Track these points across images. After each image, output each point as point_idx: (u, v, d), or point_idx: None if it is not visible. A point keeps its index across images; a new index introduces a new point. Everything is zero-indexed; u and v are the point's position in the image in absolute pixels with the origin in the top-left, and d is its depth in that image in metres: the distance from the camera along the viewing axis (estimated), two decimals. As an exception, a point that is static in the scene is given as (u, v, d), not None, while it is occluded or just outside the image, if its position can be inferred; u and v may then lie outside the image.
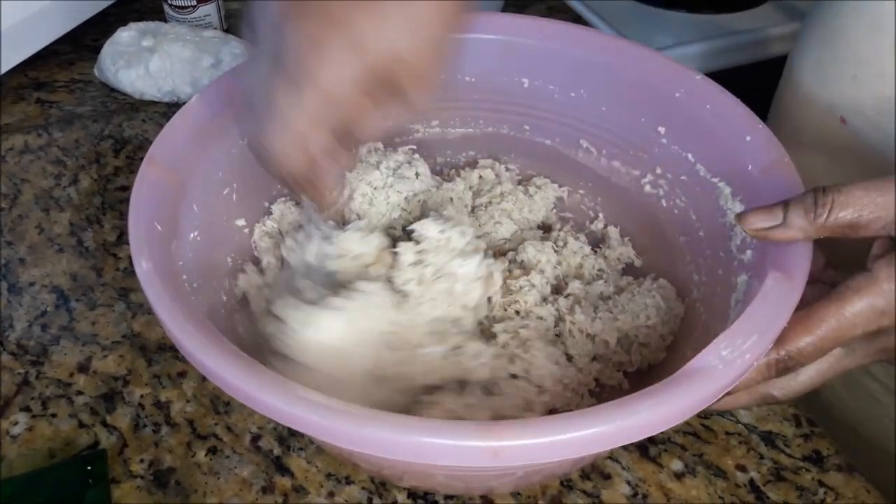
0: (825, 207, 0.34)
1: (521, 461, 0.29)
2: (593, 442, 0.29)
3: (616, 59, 0.48)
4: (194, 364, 0.33)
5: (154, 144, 0.41)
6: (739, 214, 0.36)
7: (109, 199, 0.61)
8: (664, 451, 0.46)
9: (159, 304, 0.34)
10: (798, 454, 0.46)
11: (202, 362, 0.32)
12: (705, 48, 0.80)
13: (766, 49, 0.82)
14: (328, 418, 0.30)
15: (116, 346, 0.51)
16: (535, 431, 0.29)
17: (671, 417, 0.30)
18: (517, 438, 0.29)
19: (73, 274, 0.55)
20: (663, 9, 0.86)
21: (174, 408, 0.47)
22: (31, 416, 0.47)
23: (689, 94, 0.45)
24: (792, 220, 0.34)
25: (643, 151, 0.49)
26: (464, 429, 0.29)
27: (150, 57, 0.69)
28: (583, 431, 0.29)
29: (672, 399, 0.30)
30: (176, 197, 0.41)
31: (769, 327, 0.33)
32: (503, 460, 0.29)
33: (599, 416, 0.29)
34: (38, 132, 0.67)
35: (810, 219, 0.34)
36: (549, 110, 0.51)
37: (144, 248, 0.36)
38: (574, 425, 0.29)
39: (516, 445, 0.29)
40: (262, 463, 0.45)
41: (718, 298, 0.42)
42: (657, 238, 0.49)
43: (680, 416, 0.31)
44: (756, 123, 0.42)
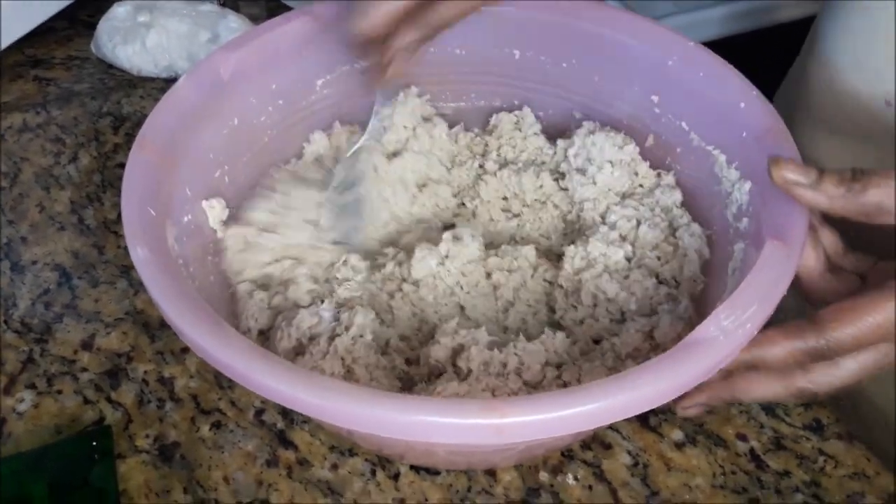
0: (860, 183, 0.33)
1: (524, 437, 0.29)
2: (596, 416, 0.29)
3: (607, 27, 0.47)
4: (192, 347, 0.33)
5: (143, 128, 0.41)
6: (773, 157, 0.35)
7: (109, 176, 0.61)
8: (664, 420, 0.46)
9: (156, 290, 0.34)
10: (798, 423, 0.46)
11: (199, 345, 0.32)
12: (707, 16, 0.79)
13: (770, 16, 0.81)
14: (329, 399, 0.30)
15: (119, 322, 0.51)
16: (537, 407, 0.29)
17: (675, 390, 0.31)
18: (520, 415, 0.29)
19: (75, 252, 0.55)
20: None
21: (178, 383, 0.48)
22: (37, 393, 0.47)
23: (681, 62, 0.45)
24: (824, 185, 0.34)
25: (637, 121, 0.48)
26: (466, 407, 0.29)
27: (146, 32, 0.69)
28: (585, 406, 0.29)
29: (676, 371, 0.30)
30: (168, 180, 0.40)
31: (768, 296, 0.33)
32: (506, 437, 0.29)
33: (603, 390, 0.29)
34: (37, 110, 0.66)
35: (842, 190, 0.33)
36: (540, 81, 0.51)
37: (139, 234, 0.36)
38: (576, 400, 0.29)
39: (519, 422, 0.29)
40: (265, 436, 0.45)
41: (715, 267, 0.42)
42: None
43: (683, 387, 0.31)
44: (750, 90, 0.42)
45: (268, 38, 0.46)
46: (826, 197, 0.34)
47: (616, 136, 0.47)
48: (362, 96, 0.51)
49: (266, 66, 0.47)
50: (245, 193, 0.47)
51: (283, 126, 0.49)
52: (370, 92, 0.47)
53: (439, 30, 0.42)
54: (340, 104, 0.51)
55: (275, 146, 0.49)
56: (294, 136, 0.50)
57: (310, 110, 0.50)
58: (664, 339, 0.39)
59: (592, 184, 0.47)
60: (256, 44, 0.46)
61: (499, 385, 0.38)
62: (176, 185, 0.41)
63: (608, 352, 0.40)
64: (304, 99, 0.49)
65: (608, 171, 0.46)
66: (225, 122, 0.45)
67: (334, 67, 0.49)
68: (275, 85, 0.48)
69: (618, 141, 0.47)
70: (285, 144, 0.50)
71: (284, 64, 0.47)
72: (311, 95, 0.50)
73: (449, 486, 0.43)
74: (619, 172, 0.46)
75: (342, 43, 0.47)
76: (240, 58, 0.45)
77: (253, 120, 0.47)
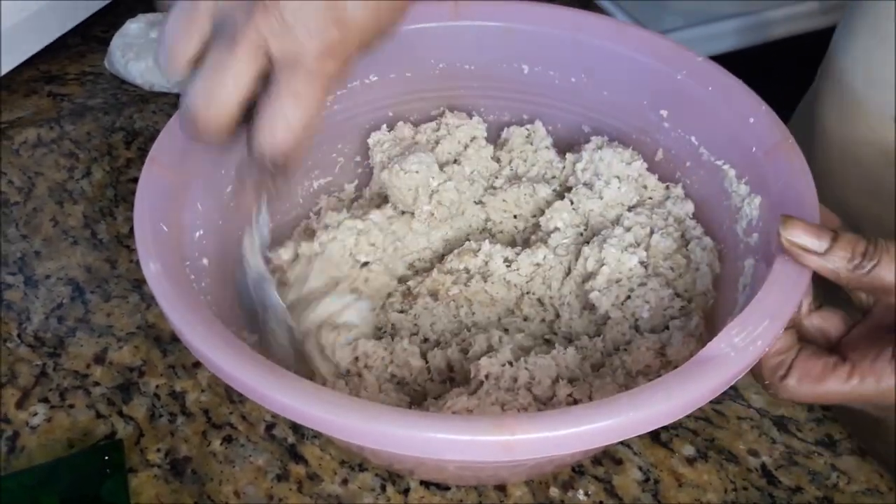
0: (871, 261, 0.32)
1: (533, 454, 0.29)
2: (606, 434, 0.29)
3: (615, 42, 0.47)
4: (202, 361, 0.33)
5: (155, 145, 0.41)
6: (785, 217, 0.34)
7: (122, 190, 0.61)
8: (676, 436, 0.46)
9: (169, 306, 0.34)
10: (810, 438, 0.46)
11: (209, 358, 0.32)
12: (715, 29, 0.79)
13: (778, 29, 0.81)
14: (337, 415, 0.30)
15: (131, 337, 0.51)
16: (546, 425, 0.29)
17: (685, 407, 0.30)
18: (529, 432, 0.29)
19: (88, 266, 0.56)
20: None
21: (189, 398, 0.48)
22: (50, 407, 0.47)
23: (690, 76, 0.45)
24: (833, 258, 0.33)
25: (646, 135, 0.48)
26: (475, 424, 0.29)
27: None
28: (595, 424, 0.29)
29: (686, 389, 0.30)
30: (180, 197, 0.41)
31: (780, 312, 0.33)
32: (516, 454, 0.29)
33: (614, 408, 0.29)
34: (51, 125, 0.67)
35: (850, 266, 0.33)
36: (549, 96, 0.51)
37: (152, 250, 0.36)
38: (587, 418, 0.29)
39: (528, 439, 0.29)
40: (276, 451, 0.45)
41: (725, 282, 0.42)
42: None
43: (693, 405, 0.30)
44: (759, 105, 0.42)
45: None
46: (831, 271, 0.33)
47: (624, 152, 0.47)
48: (371, 111, 0.51)
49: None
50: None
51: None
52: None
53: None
54: (354, 119, 0.51)
55: (285, 160, 0.49)
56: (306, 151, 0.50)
57: (323, 125, 0.50)
58: (676, 356, 0.39)
59: (599, 198, 0.47)
60: None
61: (508, 400, 0.38)
62: (188, 201, 0.41)
63: (618, 368, 0.40)
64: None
65: (615, 186, 0.46)
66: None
67: (346, 83, 0.50)
68: (285, 100, 0.48)
69: (625, 157, 0.47)
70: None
71: (296, 80, 0.48)
72: (324, 111, 0.50)
73: (459, 502, 0.43)
74: (627, 188, 0.46)
75: None
76: None
77: (264, 136, 0.47)
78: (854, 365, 0.34)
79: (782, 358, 0.35)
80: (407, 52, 0.50)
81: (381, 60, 0.50)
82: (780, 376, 0.34)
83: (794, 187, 0.38)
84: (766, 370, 0.35)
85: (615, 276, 0.43)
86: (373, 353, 0.42)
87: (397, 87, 0.51)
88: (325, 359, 0.43)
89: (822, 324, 0.37)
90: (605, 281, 0.43)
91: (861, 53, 0.51)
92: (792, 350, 0.35)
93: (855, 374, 0.33)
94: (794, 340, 0.35)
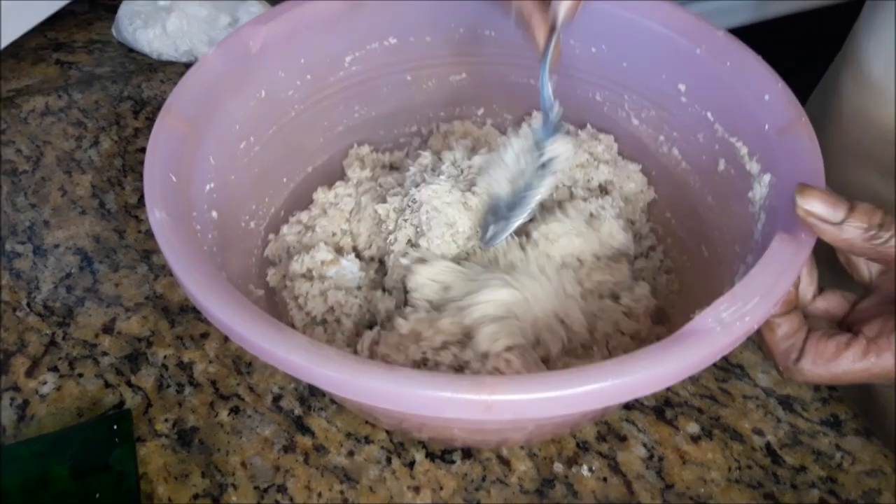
0: (887, 231, 0.32)
1: (512, 415, 0.30)
2: (585, 399, 0.30)
3: (637, 13, 0.47)
4: (204, 313, 0.33)
5: (171, 96, 0.41)
6: (801, 186, 0.33)
7: (130, 160, 0.61)
8: (681, 413, 0.46)
9: (172, 253, 0.34)
10: (815, 418, 0.46)
11: (209, 310, 0.32)
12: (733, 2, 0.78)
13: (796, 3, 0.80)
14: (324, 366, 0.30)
15: (140, 307, 0.51)
16: (526, 387, 0.29)
17: (666, 378, 0.30)
18: (508, 393, 0.29)
19: (96, 236, 0.56)
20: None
21: (197, 368, 0.48)
22: (59, 376, 0.48)
23: (709, 51, 0.44)
24: (849, 228, 0.32)
25: (662, 109, 0.48)
26: (457, 383, 0.29)
27: (166, 17, 0.69)
28: (575, 389, 0.29)
29: (667, 360, 0.30)
30: (192, 149, 0.41)
31: (771, 290, 0.32)
32: (495, 414, 0.29)
33: (594, 373, 0.29)
34: (59, 94, 0.67)
35: (866, 237, 0.32)
36: (569, 66, 0.50)
37: (158, 199, 0.37)
38: (567, 382, 0.29)
39: (507, 400, 0.29)
40: (283, 422, 0.46)
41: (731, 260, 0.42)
42: (676, 194, 0.48)
43: (675, 377, 0.30)
44: (775, 81, 0.41)
45: (298, 12, 0.46)
46: (846, 241, 0.32)
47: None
48: (389, 74, 0.51)
49: (295, 40, 0.47)
50: (270, 166, 0.47)
51: (311, 101, 0.49)
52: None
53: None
54: (368, 82, 0.51)
55: (302, 121, 0.49)
56: (321, 111, 0.50)
57: (338, 86, 0.50)
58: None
59: None
60: (286, 18, 0.46)
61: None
62: (200, 154, 0.41)
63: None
64: (332, 75, 0.50)
65: None
66: (252, 94, 0.45)
67: (363, 45, 0.49)
68: (303, 59, 0.48)
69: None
70: (312, 119, 0.50)
71: (314, 39, 0.47)
72: (340, 71, 0.50)
73: (464, 475, 0.43)
74: None
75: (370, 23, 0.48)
76: (269, 31, 0.45)
77: (280, 94, 0.47)
78: (869, 341, 0.33)
79: (792, 341, 0.34)
80: (427, 16, 0.49)
81: (401, 22, 0.50)
82: (794, 359, 0.34)
83: (803, 168, 0.37)
84: (778, 355, 0.35)
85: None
86: (345, 301, 0.44)
87: (417, 51, 0.51)
88: (298, 307, 0.45)
89: (826, 305, 0.37)
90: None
91: (884, 41, 0.50)
92: (801, 332, 0.34)
93: (871, 351, 0.33)
94: (800, 322, 0.35)
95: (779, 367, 0.35)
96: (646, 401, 0.46)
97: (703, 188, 0.46)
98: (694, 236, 0.46)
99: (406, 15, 0.49)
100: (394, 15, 0.49)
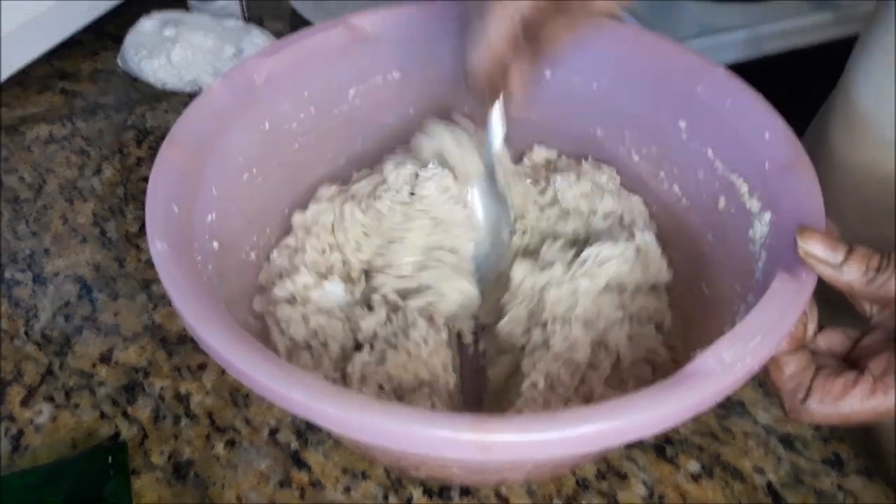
0: (883, 275, 0.32)
1: (510, 456, 0.29)
2: (586, 440, 0.29)
3: (638, 51, 0.47)
4: (201, 344, 0.33)
5: (175, 126, 0.41)
6: (802, 227, 0.34)
7: (132, 189, 0.62)
8: (681, 451, 0.45)
9: (172, 285, 0.34)
10: (817, 457, 0.45)
11: (209, 343, 0.32)
12: (729, 39, 0.79)
13: (792, 40, 0.81)
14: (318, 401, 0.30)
15: (138, 337, 0.51)
16: (524, 428, 0.29)
17: (665, 420, 0.30)
18: (506, 434, 0.29)
19: (96, 264, 0.56)
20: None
21: (194, 400, 0.48)
22: (55, 406, 0.47)
23: (710, 88, 0.44)
24: (848, 270, 0.33)
25: (663, 145, 0.48)
26: (454, 421, 0.29)
27: (172, 47, 0.69)
28: (573, 430, 0.29)
29: (669, 402, 0.30)
30: (194, 179, 0.41)
31: (773, 330, 0.32)
32: (493, 454, 0.29)
33: (592, 415, 0.29)
34: (63, 122, 0.67)
35: (864, 280, 0.33)
36: (570, 100, 0.51)
37: (160, 229, 0.37)
38: (565, 423, 0.29)
39: (505, 441, 0.29)
40: (279, 457, 0.45)
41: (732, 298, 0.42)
42: (676, 231, 0.48)
43: (675, 419, 0.30)
44: (775, 120, 0.41)
45: (303, 46, 0.47)
46: (846, 284, 0.33)
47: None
48: (392, 107, 0.52)
49: (300, 73, 0.47)
50: (272, 197, 0.48)
51: (314, 133, 0.49)
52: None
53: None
54: (371, 115, 0.52)
55: (305, 152, 0.49)
56: (325, 142, 0.50)
57: (342, 118, 0.51)
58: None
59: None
60: (291, 51, 0.46)
61: None
62: (202, 184, 0.41)
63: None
64: (336, 107, 0.50)
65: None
66: (256, 125, 0.45)
67: (367, 78, 0.50)
68: (307, 92, 0.48)
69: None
70: (315, 151, 0.50)
71: (318, 72, 0.48)
72: (343, 104, 0.50)
73: (461, 512, 0.43)
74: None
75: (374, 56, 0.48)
76: (274, 64, 0.46)
77: (284, 125, 0.48)
78: (875, 379, 0.33)
79: (799, 380, 0.34)
80: (430, 51, 0.50)
81: (405, 57, 0.50)
82: (801, 399, 0.34)
83: (804, 207, 0.37)
84: (785, 394, 0.34)
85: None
86: (328, 324, 0.44)
87: (420, 85, 0.51)
88: (280, 332, 0.44)
89: (827, 343, 0.36)
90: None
91: (874, 71, 0.51)
92: (808, 371, 0.34)
93: (878, 390, 0.33)
94: (808, 360, 0.35)
95: (785, 406, 0.35)
96: (646, 438, 0.46)
97: (703, 225, 0.46)
98: (694, 273, 0.46)
99: (409, 49, 0.50)
100: (397, 49, 0.50)
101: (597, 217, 0.49)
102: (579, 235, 0.49)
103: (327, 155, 0.51)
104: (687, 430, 0.46)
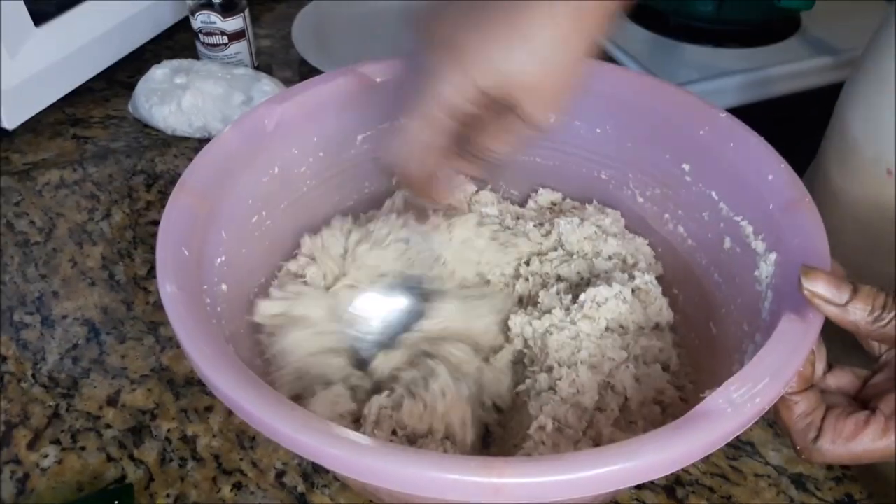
0: (889, 314, 0.32)
1: (521, 499, 0.29)
2: (595, 483, 0.29)
3: (641, 95, 0.48)
4: (209, 386, 0.33)
5: (186, 171, 0.42)
6: (805, 267, 0.34)
7: (141, 233, 0.62)
8: (692, 492, 0.45)
9: (181, 327, 0.34)
10: (829, 498, 0.45)
11: (219, 388, 0.32)
12: (730, 83, 0.80)
13: (791, 83, 0.82)
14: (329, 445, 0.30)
15: (145, 379, 0.51)
16: (535, 470, 0.29)
17: (676, 462, 0.30)
18: (517, 476, 0.29)
19: (104, 307, 0.56)
20: (689, 44, 0.87)
21: (200, 442, 0.48)
22: (61, 449, 0.47)
23: (713, 132, 0.45)
24: (854, 309, 0.33)
25: (668, 188, 0.49)
26: (465, 464, 0.29)
27: (182, 94, 0.71)
28: (585, 472, 0.29)
29: (677, 443, 0.30)
30: (205, 223, 0.41)
31: (781, 371, 0.32)
32: (504, 497, 0.29)
33: (603, 457, 0.29)
34: (74, 167, 0.68)
35: (870, 319, 0.33)
36: (574, 145, 0.51)
37: (170, 272, 0.37)
38: (577, 466, 0.29)
39: (517, 483, 0.29)
40: (286, 499, 0.45)
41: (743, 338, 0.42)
42: (682, 271, 0.49)
43: (685, 460, 0.30)
44: (778, 162, 0.42)
45: (313, 93, 0.48)
46: (851, 323, 0.33)
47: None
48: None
49: (309, 119, 0.48)
50: (281, 240, 0.48)
51: (323, 177, 0.50)
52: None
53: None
54: (379, 160, 0.52)
55: (313, 196, 0.50)
56: (332, 187, 0.51)
57: (350, 163, 0.51)
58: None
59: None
60: (301, 98, 0.47)
61: None
62: (212, 228, 0.42)
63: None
64: (344, 152, 0.51)
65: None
66: (265, 170, 0.46)
67: (374, 124, 0.51)
68: (316, 137, 0.49)
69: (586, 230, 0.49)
70: (323, 194, 0.51)
71: (328, 118, 0.49)
72: (352, 149, 0.51)
73: (471, 556, 0.42)
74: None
75: (382, 104, 0.49)
76: (285, 110, 0.47)
77: (293, 169, 0.48)
78: (886, 419, 0.33)
79: (810, 419, 0.34)
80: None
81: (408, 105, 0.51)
82: (812, 438, 0.34)
83: (808, 247, 0.38)
84: (795, 434, 0.34)
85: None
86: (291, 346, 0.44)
87: None
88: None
89: (836, 382, 0.36)
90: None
91: (864, 104, 0.52)
92: (818, 410, 0.34)
93: (890, 429, 0.33)
94: (818, 400, 0.35)
95: (796, 446, 0.35)
96: (656, 479, 0.45)
97: (709, 265, 0.46)
98: (702, 313, 0.46)
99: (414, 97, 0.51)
100: (404, 97, 0.51)
101: (600, 259, 0.49)
102: (582, 278, 0.49)
103: (335, 198, 0.52)
104: (697, 471, 0.46)
